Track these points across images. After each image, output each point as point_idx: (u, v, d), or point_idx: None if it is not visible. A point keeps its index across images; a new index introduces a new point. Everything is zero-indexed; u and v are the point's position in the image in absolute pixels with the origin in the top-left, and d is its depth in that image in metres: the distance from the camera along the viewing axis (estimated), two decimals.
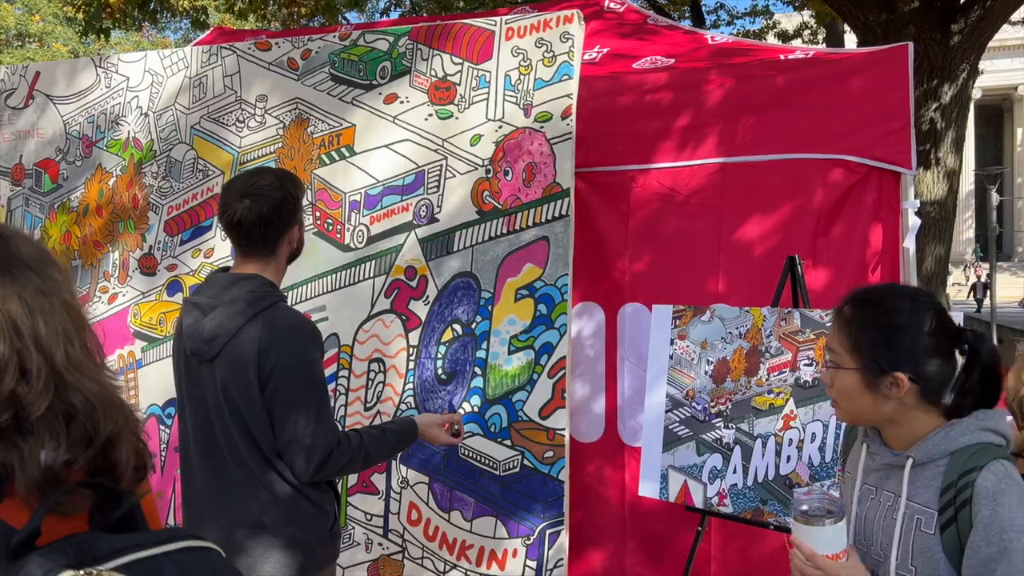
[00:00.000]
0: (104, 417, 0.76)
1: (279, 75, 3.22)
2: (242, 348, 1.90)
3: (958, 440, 1.41)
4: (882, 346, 1.43)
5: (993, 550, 1.31)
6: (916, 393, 1.43)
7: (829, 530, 1.41)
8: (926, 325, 1.42)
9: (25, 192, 3.61)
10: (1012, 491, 1.34)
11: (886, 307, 1.47)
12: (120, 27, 8.60)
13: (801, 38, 12.94)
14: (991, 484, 1.35)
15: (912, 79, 2.75)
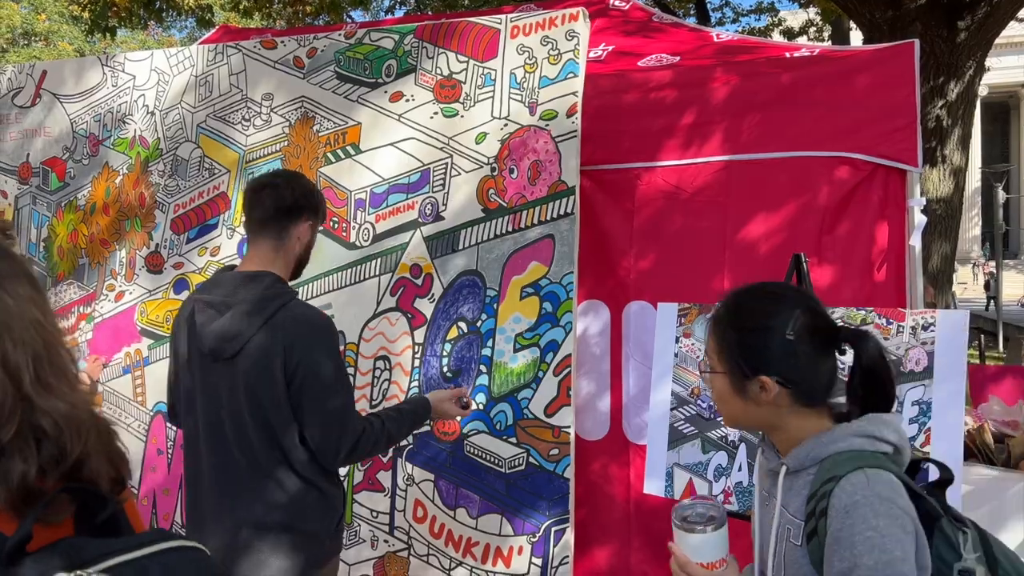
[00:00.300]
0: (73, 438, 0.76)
1: (285, 73, 3.23)
2: (265, 345, 1.95)
3: (828, 447, 1.34)
4: (745, 349, 1.37)
5: (844, 565, 1.23)
6: (790, 397, 1.36)
7: (704, 537, 1.37)
8: (790, 326, 1.34)
9: (32, 190, 3.62)
10: (866, 504, 1.24)
11: (749, 309, 1.41)
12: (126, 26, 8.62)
13: (807, 35, 12.91)
14: (846, 496, 1.26)
15: (918, 76, 2.74)
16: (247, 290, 2.00)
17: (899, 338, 2.15)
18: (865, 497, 1.25)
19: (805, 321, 1.36)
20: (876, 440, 1.33)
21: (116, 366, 3.36)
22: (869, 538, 1.22)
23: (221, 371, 2.01)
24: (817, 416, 1.38)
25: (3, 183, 3.67)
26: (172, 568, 0.74)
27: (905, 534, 1.23)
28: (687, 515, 1.39)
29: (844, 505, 1.25)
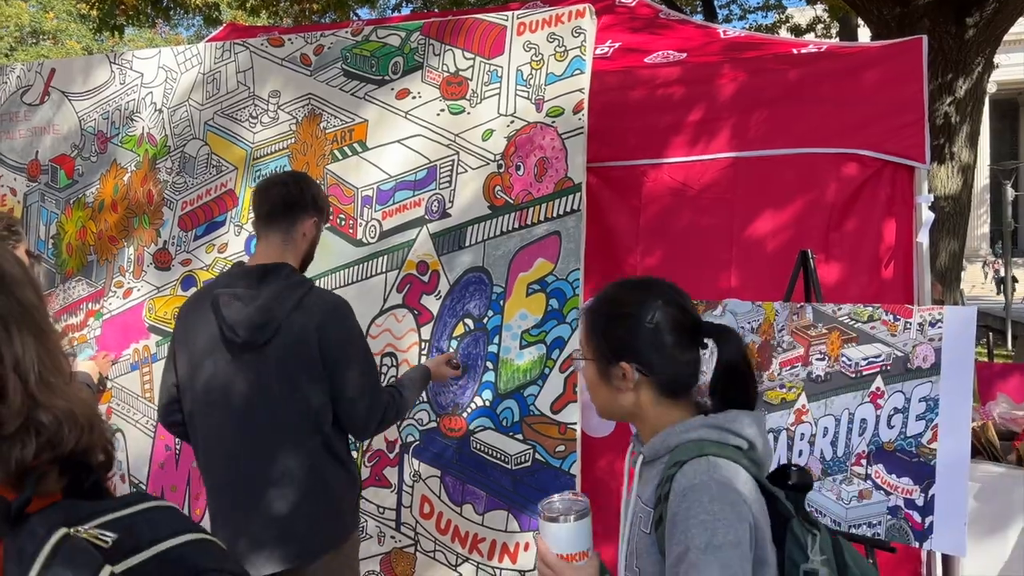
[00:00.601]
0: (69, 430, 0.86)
1: (292, 71, 3.23)
2: (298, 329, 2.08)
3: (680, 436, 1.36)
4: (608, 336, 1.42)
5: (679, 548, 1.24)
6: (653, 387, 1.40)
7: (565, 527, 1.38)
8: (649, 316, 1.38)
9: (41, 188, 3.64)
10: (703, 488, 1.26)
11: (616, 298, 1.46)
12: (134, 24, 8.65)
13: (814, 32, 12.87)
14: (685, 480, 1.28)
15: (927, 72, 2.74)
16: (269, 279, 2.11)
17: (906, 335, 2.15)
18: (703, 481, 1.27)
19: (667, 312, 1.39)
20: (729, 433, 1.35)
21: (124, 362, 3.37)
22: (703, 521, 1.23)
23: (250, 358, 2.09)
24: (678, 409, 1.41)
25: (12, 180, 3.68)
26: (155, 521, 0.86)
27: (740, 521, 1.24)
28: (551, 506, 1.42)
29: (682, 488, 1.28)
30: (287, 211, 2.17)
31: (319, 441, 2.11)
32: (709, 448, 1.32)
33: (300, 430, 2.10)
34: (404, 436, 3.01)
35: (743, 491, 1.27)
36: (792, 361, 2.34)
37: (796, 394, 2.32)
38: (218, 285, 2.19)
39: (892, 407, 2.14)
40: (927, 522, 2.05)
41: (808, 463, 2.26)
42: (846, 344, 2.24)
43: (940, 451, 2.04)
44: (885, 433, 2.14)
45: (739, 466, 1.30)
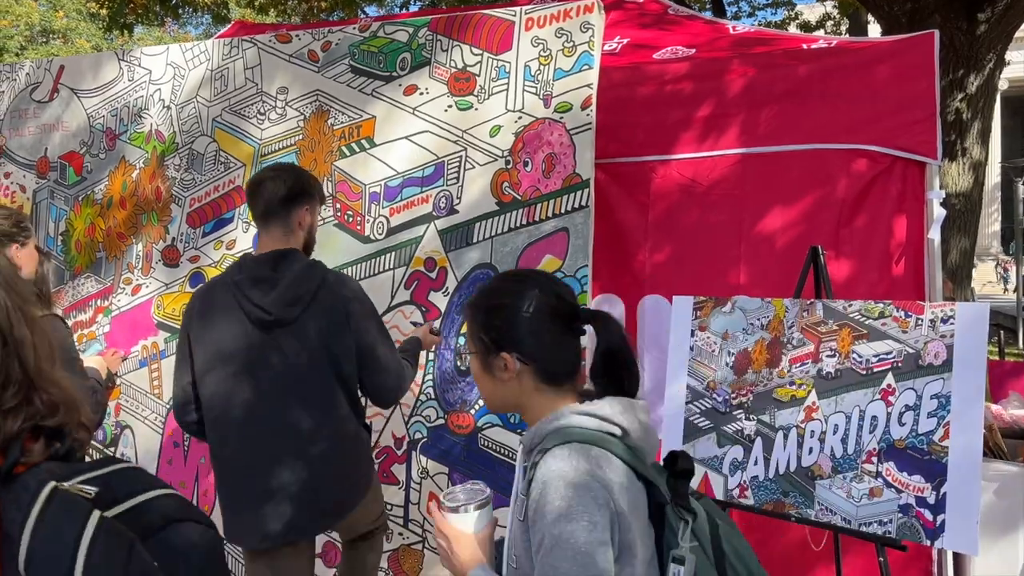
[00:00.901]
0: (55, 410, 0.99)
1: (300, 67, 3.23)
2: (327, 305, 2.21)
3: (552, 424, 1.37)
4: (489, 327, 1.43)
5: (539, 536, 1.26)
6: (533, 375, 1.41)
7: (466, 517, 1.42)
8: (526, 304, 1.39)
9: (50, 185, 3.65)
10: (561, 475, 1.27)
11: (495, 289, 1.48)
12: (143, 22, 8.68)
13: (824, 29, 12.80)
14: (546, 468, 1.30)
15: (938, 68, 2.71)
16: (287, 263, 2.22)
17: (918, 331, 2.13)
18: (562, 469, 1.28)
19: (544, 301, 1.41)
20: (601, 420, 1.36)
21: (133, 359, 3.38)
22: (558, 507, 1.25)
23: (282, 335, 2.18)
24: (561, 396, 1.42)
25: (22, 177, 3.70)
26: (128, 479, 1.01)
27: (598, 506, 1.25)
28: (454, 496, 1.46)
29: (543, 476, 1.29)
30: (281, 207, 2.25)
31: (348, 406, 2.27)
32: (576, 436, 1.33)
33: (333, 398, 2.23)
34: (412, 433, 3.01)
35: (606, 478, 1.28)
36: (802, 358, 2.32)
37: (806, 391, 2.30)
38: (230, 276, 2.25)
39: (903, 404, 2.12)
40: (939, 520, 2.03)
41: (818, 460, 2.25)
42: (857, 341, 2.22)
43: (952, 448, 2.02)
44: (896, 430, 2.13)
45: (608, 453, 1.31)
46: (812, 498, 2.24)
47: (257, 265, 2.23)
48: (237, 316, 2.19)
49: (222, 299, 2.22)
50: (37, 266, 2.49)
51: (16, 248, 2.39)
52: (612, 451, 1.32)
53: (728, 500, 2.41)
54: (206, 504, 3.22)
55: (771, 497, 2.33)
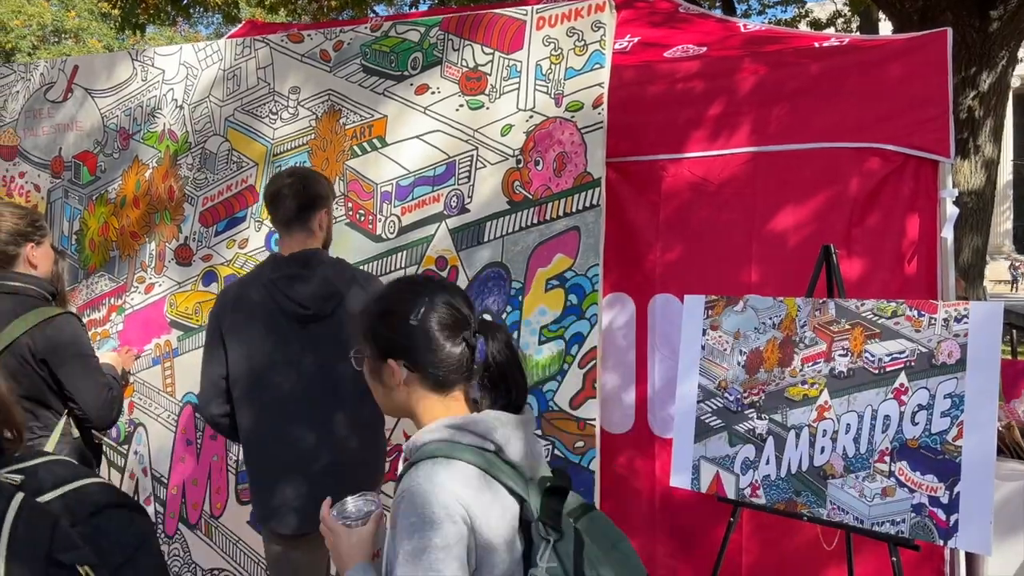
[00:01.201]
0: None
1: (312, 67, 3.25)
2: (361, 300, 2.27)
3: (423, 437, 1.37)
4: (377, 334, 1.43)
5: (393, 552, 1.28)
6: (422, 384, 1.41)
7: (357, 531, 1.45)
8: (414, 313, 1.39)
9: (64, 184, 3.68)
10: (419, 492, 1.27)
11: (387, 296, 1.47)
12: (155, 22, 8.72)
13: (834, 27, 12.74)
14: (406, 483, 1.31)
15: (951, 65, 2.70)
16: (317, 261, 2.35)
17: (931, 330, 2.12)
18: (420, 485, 1.28)
19: (433, 310, 1.40)
20: (475, 435, 1.35)
21: (146, 357, 3.40)
22: (412, 524, 1.26)
23: (317, 330, 2.29)
24: (450, 405, 1.42)
25: (36, 177, 3.73)
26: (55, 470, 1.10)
27: (453, 524, 1.25)
28: (344, 509, 1.47)
29: (401, 492, 1.30)
30: (300, 214, 2.37)
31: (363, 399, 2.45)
32: (444, 450, 1.33)
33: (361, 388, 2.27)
34: None
35: (465, 494, 1.28)
36: (814, 357, 2.32)
37: (818, 390, 2.30)
38: (263, 274, 2.36)
39: (916, 403, 2.12)
40: (952, 520, 2.03)
41: (831, 460, 2.25)
42: (869, 340, 2.22)
43: (965, 448, 2.02)
44: (909, 430, 2.12)
45: (475, 468, 1.31)
46: (824, 497, 2.24)
47: (289, 264, 2.34)
48: (273, 312, 2.30)
49: (257, 296, 2.32)
50: (52, 264, 2.51)
51: (31, 247, 2.41)
52: (481, 467, 1.32)
53: (740, 499, 2.41)
54: (219, 501, 3.24)
55: (783, 496, 2.32)
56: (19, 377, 2.28)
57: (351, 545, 1.42)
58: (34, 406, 2.33)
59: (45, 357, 2.29)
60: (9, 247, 2.37)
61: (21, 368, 2.28)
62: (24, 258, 2.40)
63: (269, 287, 2.31)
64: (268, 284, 2.31)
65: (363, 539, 1.43)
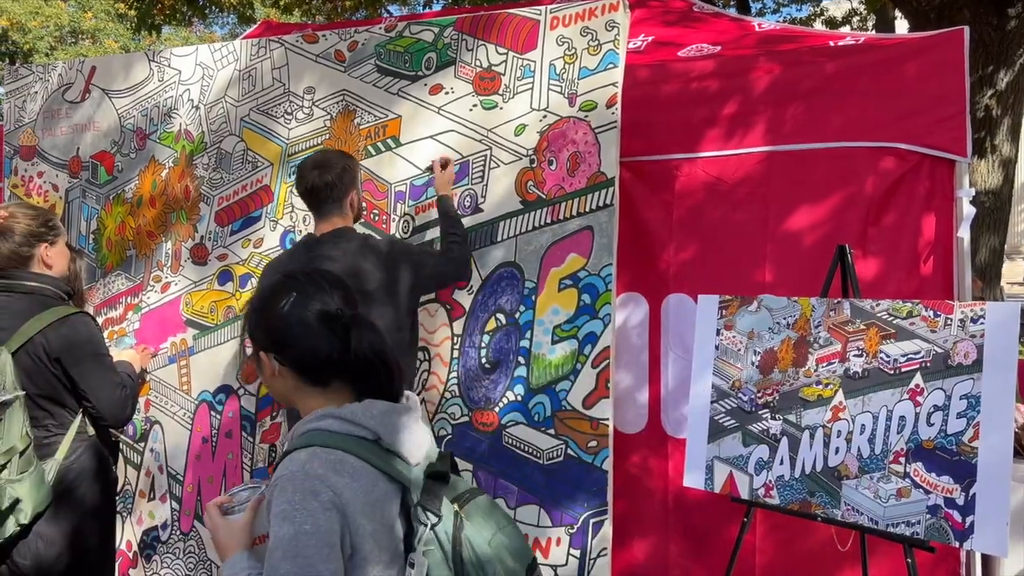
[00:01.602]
0: None
1: (326, 67, 3.26)
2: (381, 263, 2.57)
3: (303, 427, 1.40)
4: (253, 327, 1.48)
5: (270, 539, 1.29)
6: (293, 376, 1.45)
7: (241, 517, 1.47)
8: (280, 306, 1.43)
9: (82, 184, 3.71)
10: (291, 478, 1.30)
11: (259, 291, 1.51)
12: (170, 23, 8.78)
13: (850, 25, 12.66)
14: (280, 471, 1.33)
15: (967, 64, 2.68)
16: (345, 240, 2.59)
17: (947, 331, 2.11)
18: (293, 472, 1.31)
19: (300, 304, 1.43)
20: (351, 424, 1.38)
21: (162, 355, 3.43)
22: (283, 511, 1.28)
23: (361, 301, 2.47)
24: (327, 396, 1.45)
25: (55, 177, 3.76)
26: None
27: (324, 510, 1.28)
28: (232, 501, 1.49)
29: (275, 479, 1.33)
30: (334, 200, 2.63)
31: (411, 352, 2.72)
32: (321, 439, 1.36)
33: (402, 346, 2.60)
34: (436, 430, 3.03)
35: (338, 482, 1.31)
36: (829, 357, 2.31)
37: (833, 391, 2.29)
38: (298, 256, 2.61)
39: (932, 404, 2.10)
40: (968, 522, 2.01)
41: (845, 460, 2.24)
42: (884, 340, 2.21)
43: (982, 449, 2.00)
44: (924, 431, 2.11)
45: (349, 456, 1.34)
46: (839, 498, 2.23)
47: (321, 244, 2.60)
48: None
49: None
50: (69, 263, 2.53)
51: (45, 247, 2.43)
52: (358, 454, 1.35)
53: (753, 499, 2.41)
54: None
55: (797, 497, 2.32)
56: (34, 376, 2.30)
57: (228, 535, 1.45)
58: (50, 404, 2.36)
59: (59, 356, 2.31)
60: (23, 248, 2.39)
61: (36, 367, 2.30)
62: (39, 258, 2.42)
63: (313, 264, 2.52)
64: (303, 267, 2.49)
65: (240, 528, 1.45)
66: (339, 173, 2.63)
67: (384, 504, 1.35)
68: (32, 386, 2.28)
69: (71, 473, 2.38)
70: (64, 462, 2.36)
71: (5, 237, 2.37)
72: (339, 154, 2.74)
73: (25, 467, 2.20)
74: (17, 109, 3.86)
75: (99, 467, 2.45)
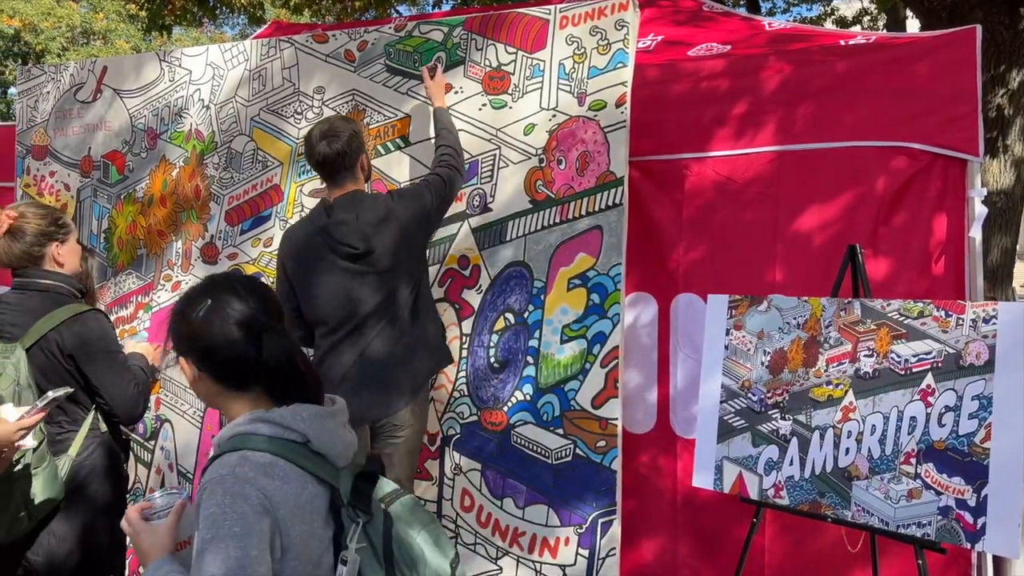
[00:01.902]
0: None
1: (336, 67, 3.27)
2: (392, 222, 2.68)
3: (232, 430, 1.41)
4: (173, 332, 1.49)
5: (197, 543, 1.30)
6: (212, 381, 1.46)
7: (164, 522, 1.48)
8: (196, 313, 1.44)
9: (93, 183, 3.74)
10: (221, 482, 1.31)
11: (185, 295, 1.51)
12: (181, 23, 8.81)
13: (860, 25, 12.60)
14: (209, 474, 1.34)
15: (980, 63, 2.66)
16: (359, 202, 2.68)
17: (959, 331, 2.10)
18: (221, 475, 1.32)
19: (216, 310, 1.44)
20: (280, 427, 1.39)
21: (172, 354, 3.44)
22: (212, 514, 1.29)
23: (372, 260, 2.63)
24: (248, 401, 1.46)
25: (66, 176, 3.79)
26: None
27: (255, 514, 1.29)
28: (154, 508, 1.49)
29: (205, 482, 1.34)
30: (347, 168, 2.70)
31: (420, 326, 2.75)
32: (249, 443, 1.37)
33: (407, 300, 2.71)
34: (445, 429, 3.03)
35: (267, 484, 1.32)
36: (839, 358, 2.30)
37: (843, 391, 2.28)
38: (315, 222, 2.71)
39: (943, 405, 2.09)
40: (979, 523, 2.00)
41: (855, 461, 2.23)
42: (895, 340, 2.20)
43: (994, 450, 1.99)
44: (936, 432, 2.10)
45: (278, 459, 1.36)
46: (849, 499, 2.22)
47: (337, 208, 2.68)
48: (328, 255, 2.65)
49: (313, 243, 2.68)
50: (81, 261, 2.54)
51: (56, 245, 2.45)
52: (288, 457, 1.36)
53: (763, 500, 2.40)
54: None
55: (807, 497, 2.31)
56: (48, 372, 2.32)
57: (151, 542, 1.45)
58: (63, 401, 2.37)
59: (72, 353, 2.33)
60: (34, 248, 2.41)
61: (50, 363, 2.32)
62: (50, 257, 2.43)
63: (323, 235, 2.66)
64: (322, 231, 2.66)
65: (163, 533, 1.46)
66: (347, 140, 2.67)
67: (314, 505, 1.37)
68: (46, 383, 2.30)
69: (83, 470, 2.39)
70: (77, 459, 2.37)
71: (16, 237, 2.39)
72: (343, 120, 2.77)
73: (39, 463, 2.21)
74: (29, 109, 3.89)
75: (111, 464, 2.47)
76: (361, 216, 2.65)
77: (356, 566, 1.35)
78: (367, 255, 2.64)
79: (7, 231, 2.38)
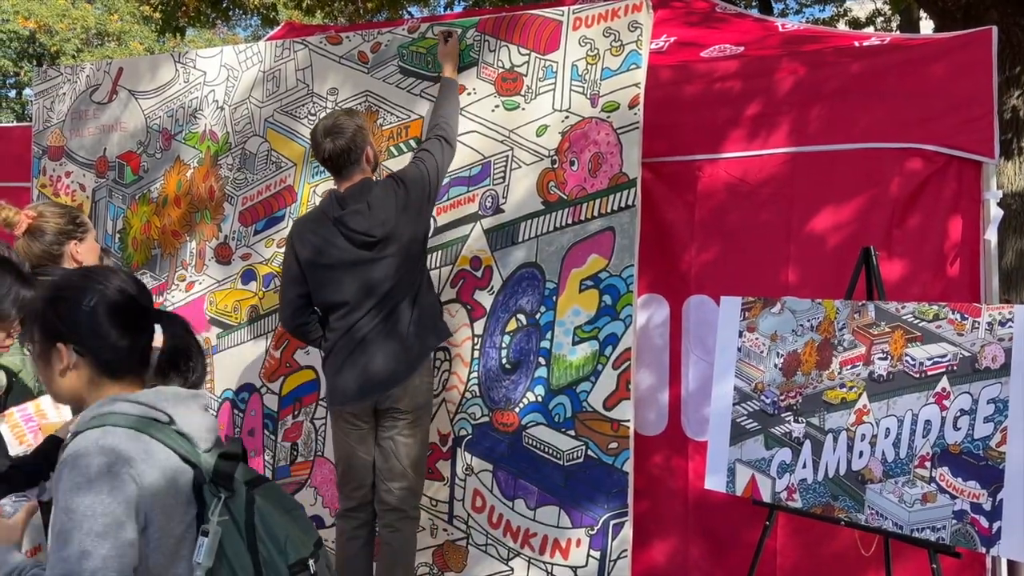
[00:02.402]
0: None
1: (350, 68, 3.28)
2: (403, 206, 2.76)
3: (95, 410, 1.41)
4: (47, 318, 1.47)
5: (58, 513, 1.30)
6: (91, 368, 1.46)
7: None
8: (87, 300, 1.44)
9: (109, 184, 3.76)
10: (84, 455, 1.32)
11: (55, 283, 1.51)
12: (194, 25, 8.86)
13: (874, 26, 12.53)
14: (72, 449, 1.34)
15: (996, 64, 2.65)
16: (370, 191, 2.75)
17: (974, 334, 2.08)
18: (86, 449, 1.33)
19: (107, 297, 1.46)
20: (145, 407, 1.41)
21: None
22: (77, 483, 1.30)
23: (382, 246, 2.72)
24: (120, 388, 1.47)
25: (82, 176, 3.82)
26: None
27: (120, 481, 1.31)
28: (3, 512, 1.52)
29: (66, 457, 1.34)
30: (351, 159, 2.76)
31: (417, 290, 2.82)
32: (114, 420, 1.38)
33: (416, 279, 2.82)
34: (457, 430, 3.04)
35: (131, 457, 1.34)
36: (853, 360, 2.29)
37: (857, 394, 2.27)
38: (328, 212, 2.76)
39: (958, 408, 2.08)
40: (994, 527, 1.99)
41: (869, 464, 2.22)
42: (910, 343, 2.19)
43: (1009, 454, 1.98)
44: (951, 435, 2.09)
45: (144, 435, 1.37)
46: (862, 502, 2.21)
47: (348, 198, 2.75)
48: (342, 243, 2.73)
49: (327, 232, 2.74)
50: (98, 259, 2.57)
51: (75, 244, 2.47)
52: (152, 435, 1.38)
53: (776, 503, 2.39)
54: None
55: (820, 500, 2.30)
56: None
57: None
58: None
59: None
60: (54, 247, 2.43)
61: None
62: (69, 255, 2.46)
63: (338, 226, 2.73)
64: (337, 221, 2.73)
65: (11, 525, 1.49)
66: (352, 136, 2.73)
67: (177, 480, 1.39)
68: None
69: None
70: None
71: (36, 237, 2.42)
72: (347, 114, 2.82)
73: None
74: (45, 110, 3.92)
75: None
76: (373, 204, 2.73)
77: (217, 537, 1.38)
78: (382, 241, 2.72)
79: (27, 231, 2.41)
